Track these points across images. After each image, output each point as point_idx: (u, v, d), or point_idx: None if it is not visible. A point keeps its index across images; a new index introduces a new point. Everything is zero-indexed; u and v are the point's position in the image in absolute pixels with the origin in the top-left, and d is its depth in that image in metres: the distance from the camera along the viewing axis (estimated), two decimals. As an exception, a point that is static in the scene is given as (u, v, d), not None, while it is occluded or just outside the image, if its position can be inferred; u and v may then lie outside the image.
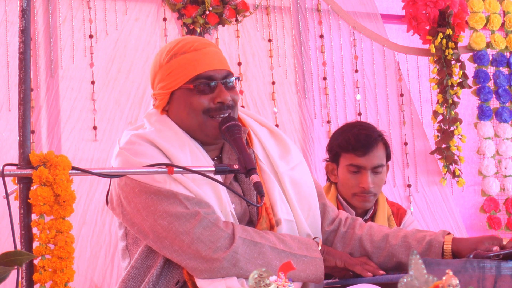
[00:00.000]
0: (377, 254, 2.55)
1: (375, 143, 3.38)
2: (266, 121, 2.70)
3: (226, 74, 2.51)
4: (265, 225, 2.48)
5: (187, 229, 2.33)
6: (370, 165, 3.38)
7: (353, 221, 2.66)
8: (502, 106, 5.07)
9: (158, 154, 2.41)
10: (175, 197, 2.36)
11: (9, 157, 3.89)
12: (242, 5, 4.46)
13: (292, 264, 1.56)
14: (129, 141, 2.47)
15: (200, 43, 2.54)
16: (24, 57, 2.08)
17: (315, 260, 2.42)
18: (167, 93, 2.51)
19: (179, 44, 2.54)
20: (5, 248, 3.71)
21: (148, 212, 2.37)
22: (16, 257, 1.88)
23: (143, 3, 4.40)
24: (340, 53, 4.82)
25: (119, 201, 2.45)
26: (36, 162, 2.03)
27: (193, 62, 2.49)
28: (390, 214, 3.56)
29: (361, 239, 2.59)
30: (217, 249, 2.32)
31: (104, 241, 4.08)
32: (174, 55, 2.51)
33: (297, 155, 2.64)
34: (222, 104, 2.48)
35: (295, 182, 2.57)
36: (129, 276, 2.46)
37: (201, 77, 2.48)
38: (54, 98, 4.14)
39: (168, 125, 2.51)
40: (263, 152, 2.57)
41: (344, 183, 3.44)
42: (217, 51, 2.56)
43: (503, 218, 4.99)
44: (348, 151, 3.39)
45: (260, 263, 2.35)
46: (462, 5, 4.92)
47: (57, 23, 4.20)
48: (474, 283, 2.14)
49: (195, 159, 2.43)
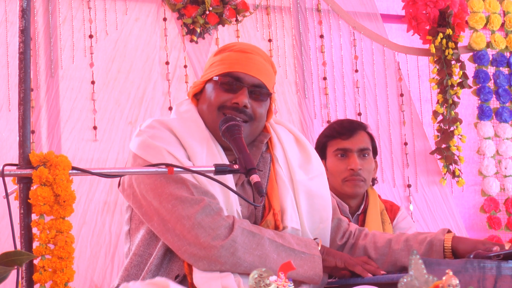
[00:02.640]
0: (381, 260, 2.57)
1: (358, 127, 3.57)
2: (295, 129, 2.72)
3: (258, 84, 2.52)
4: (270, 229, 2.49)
5: (190, 213, 2.34)
6: (356, 147, 3.52)
7: (359, 232, 2.68)
8: (502, 106, 5.06)
9: (175, 142, 2.44)
10: (183, 183, 2.38)
11: (9, 157, 3.89)
12: (242, 5, 4.46)
13: (292, 264, 1.56)
14: (150, 125, 2.50)
15: (249, 47, 2.59)
16: (24, 57, 2.08)
17: (314, 258, 2.43)
18: (202, 81, 2.58)
19: (234, 43, 2.64)
20: (5, 248, 3.71)
21: (155, 194, 2.39)
22: (16, 257, 1.88)
23: (143, 3, 4.40)
24: (340, 53, 4.82)
25: (130, 182, 2.47)
26: (36, 162, 2.03)
27: (233, 60, 2.53)
28: (383, 209, 3.63)
29: (365, 247, 2.61)
30: (216, 236, 2.33)
31: (104, 241, 4.08)
32: (223, 49, 2.59)
33: (319, 166, 2.65)
34: (237, 106, 2.49)
35: (311, 193, 2.57)
36: (132, 263, 2.47)
37: (230, 75, 2.52)
38: (54, 98, 4.14)
39: (193, 117, 2.55)
40: (283, 157, 2.59)
41: (333, 171, 3.52)
42: (262, 61, 2.57)
43: (503, 218, 4.99)
44: (334, 137, 3.54)
45: (258, 254, 2.35)
46: (462, 5, 4.91)
47: (57, 23, 4.20)
48: (474, 283, 2.14)
49: (210, 155, 2.45)
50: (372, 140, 3.61)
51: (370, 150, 3.56)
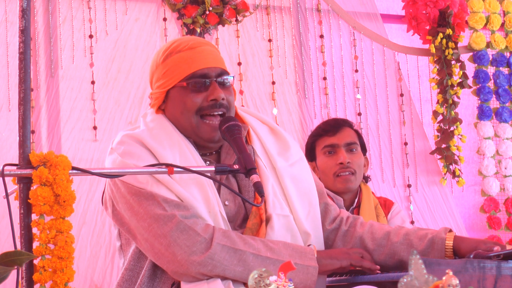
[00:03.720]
0: (378, 251, 2.54)
1: (343, 124, 3.66)
2: (267, 118, 2.70)
3: (221, 72, 2.52)
4: (255, 220, 2.45)
5: (165, 232, 2.33)
6: (343, 141, 3.59)
7: (354, 220, 2.64)
8: (502, 106, 5.06)
9: (146, 155, 2.42)
10: (154, 199, 2.36)
11: (9, 157, 3.89)
12: (242, 5, 4.46)
13: (292, 264, 1.56)
14: (120, 141, 2.49)
15: (195, 42, 2.56)
16: (24, 57, 2.08)
17: (308, 269, 2.37)
18: (163, 92, 2.53)
19: (175, 43, 2.56)
20: (5, 248, 3.71)
21: (132, 213, 2.39)
22: (16, 257, 1.88)
23: (143, 3, 4.39)
24: (340, 53, 4.82)
25: (110, 201, 2.47)
26: (36, 162, 2.03)
27: (188, 60, 2.50)
28: (377, 203, 3.67)
29: (362, 237, 2.58)
30: (192, 253, 2.31)
31: (104, 241, 4.08)
32: (170, 54, 2.53)
33: (297, 152, 2.64)
34: (215, 102, 2.48)
35: (295, 178, 2.56)
36: (123, 278, 2.47)
37: (195, 75, 2.49)
38: (54, 98, 4.14)
39: (161, 124, 2.52)
40: (261, 148, 2.57)
41: (323, 168, 3.59)
42: (213, 50, 2.56)
43: (503, 218, 4.99)
44: (321, 136, 3.63)
45: (240, 270, 2.32)
46: (462, 5, 4.91)
47: (57, 23, 4.20)
48: (474, 283, 2.14)
49: (183, 159, 2.43)
50: (359, 137, 3.68)
51: (358, 144, 3.63)
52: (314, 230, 2.54)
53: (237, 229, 2.45)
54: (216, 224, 2.39)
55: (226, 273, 2.32)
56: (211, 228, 2.36)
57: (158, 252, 2.35)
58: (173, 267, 2.33)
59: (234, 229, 2.44)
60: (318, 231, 2.56)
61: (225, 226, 2.41)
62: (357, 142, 3.63)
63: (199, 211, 2.38)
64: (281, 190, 2.52)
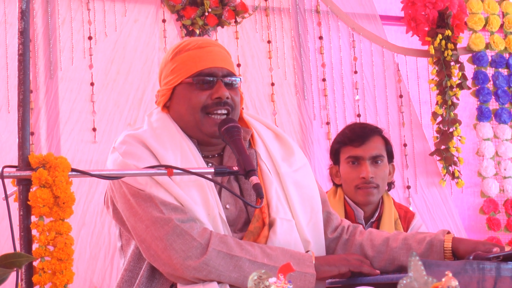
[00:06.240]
0: (378, 258, 2.54)
1: (370, 134, 3.47)
2: (272, 124, 2.72)
3: (228, 73, 2.53)
4: (257, 224, 2.45)
5: (161, 235, 2.33)
6: (368, 154, 3.44)
7: (354, 229, 2.65)
8: (501, 107, 5.07)
9: (147, 155, 2.42)
10: (151, 201, 2.36)
11: (8, 159, 3.89)
12: (241, 6, 4.47)
13: (291, 266, 1.56)
14: (122, 140, 2.49)
15: (205, 41, 2.58)
16: (23, 58, 2.08)
17: (305, 276, 2.36)
18: (169, 88, 2.55)
19: (185, 42, 2.59)
20: (4, 250, 3.71)
21: (130, 213, 2.39)
22: (15, 259, 1.87)
23: (142, 4, 4.40)
24: (339, 55, 4.82)
25: (111, 201, 2.48)
26: (35, 164, 2.03)
27: (196, 58, 2.52)
28: (397, 218, 3.56)
29: (361, 244, 2.57)
30: (188, 258, 2.30)
31: (104, 243, 4.08)
32: (179, 51, 2.55)
33: (301, 158, 2.64)
34: (220, 100, 2.48)
35: (298, 184, 2.56)
36: (123, 279, 2.47)
37: (202, 73, 2.50)
38: (53, 99, 4.14)
39: (164, 124, 2.53)
40: (266, 153, 2.57)
41: (345, 178, 3.48)
42: (222, 51, 2.58)
43: (503, 219, 4.99)
44: (346, 144, 3.48)
45: (236, 276, 2.31)
46: (461, 6, 4.92)
47: (56, 25, 4.20)
48: (473, 284, 2.14)
49: (185, 161, 2.43)
50: (386, 144, 3.51)
51: (384, 156, 3.48)
52: (315, 237, 2.53)
53: (237, 233, 2.45)
54: (215, 227, 2.39)
55: (222, 278, 2.31)
56: (208, 233, 2.35)
57: (154, 254, 2.35)
58: (169, 270, 2.33)
59: (234, 233, 2.43)
60: (319, 238, 2.55)
61: (224, 229, 2.40)
62: (383, 154, 3.47)
63: (198, 214, 2.38)
64: (284, 195, 2.52)
